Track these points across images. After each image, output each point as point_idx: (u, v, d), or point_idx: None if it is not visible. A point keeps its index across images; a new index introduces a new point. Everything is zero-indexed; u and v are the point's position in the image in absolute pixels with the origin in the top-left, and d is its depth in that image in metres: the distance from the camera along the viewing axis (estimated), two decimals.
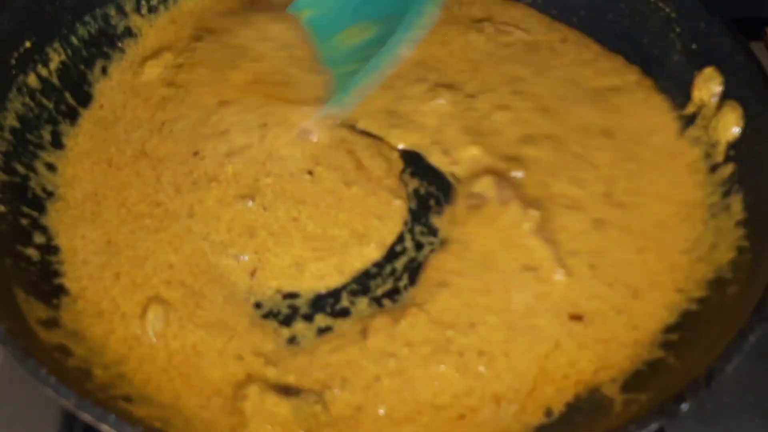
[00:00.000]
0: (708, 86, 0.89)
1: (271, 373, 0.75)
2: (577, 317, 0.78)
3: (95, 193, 0.86)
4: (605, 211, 0.85)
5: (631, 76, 0.96)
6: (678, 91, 0.92)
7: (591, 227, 0.84)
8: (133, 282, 0.80)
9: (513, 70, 0.96)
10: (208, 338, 0.77)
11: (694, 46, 0.92)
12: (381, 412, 0.74)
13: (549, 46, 1.00)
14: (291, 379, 0.75)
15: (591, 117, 0.92)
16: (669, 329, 0.79)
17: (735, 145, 0.85)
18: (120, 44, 0.99)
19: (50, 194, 0.87)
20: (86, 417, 0.65)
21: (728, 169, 0.85)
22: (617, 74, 0.96)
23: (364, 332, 0.77)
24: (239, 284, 0.81)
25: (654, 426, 0.64)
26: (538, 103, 0.93)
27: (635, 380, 0.75)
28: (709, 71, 0.89)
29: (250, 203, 0.84)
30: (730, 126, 0.86)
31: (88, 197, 0.86)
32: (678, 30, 0.93)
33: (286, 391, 0.74)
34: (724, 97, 0.88)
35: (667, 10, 0.94)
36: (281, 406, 0.72)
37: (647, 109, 0.93)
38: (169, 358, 0.76)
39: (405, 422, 0.73)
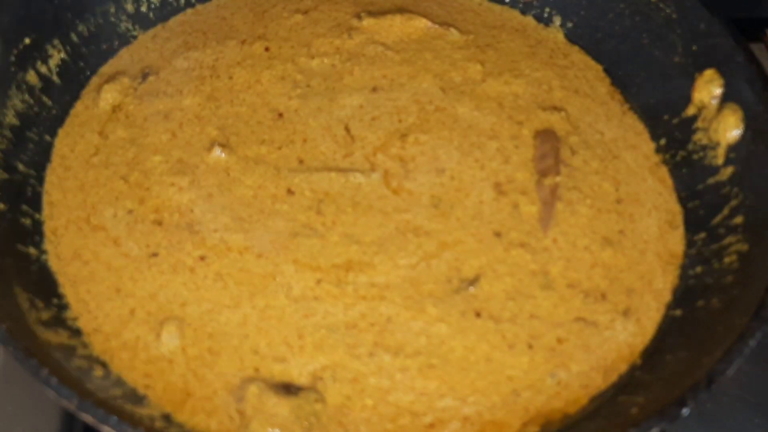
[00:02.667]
0: (708, 88, 0.89)
1: (277, 369, 0.76)
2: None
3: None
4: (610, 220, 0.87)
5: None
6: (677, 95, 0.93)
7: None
8: (147, 312, 0.79)
9: None
10: (224, 340, 0.77)
11: (694, 48, 0.91)
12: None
13: None
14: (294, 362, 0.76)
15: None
16: (669, 329, 0.79)
17: (735, 148, 0.85)
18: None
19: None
20: (88, 418, 0.65)
21: (728, 171, 0.85)
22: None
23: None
24: None
25: (655, 429, 0.65)
26: None
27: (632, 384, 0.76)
28: (709, 73, 0.89)
29: None
30: (731, 128, 0.86)
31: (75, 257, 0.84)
32: (678, 31, 0.93)
33: (286, 390, 0.74)
34: (725, 99, 0.88)
35: (668, 10, 0.94)
36: (280, 407, 0.72)
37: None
38: (188, 363, 0.76)
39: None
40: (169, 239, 0.83)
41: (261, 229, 0.83)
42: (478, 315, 0.79)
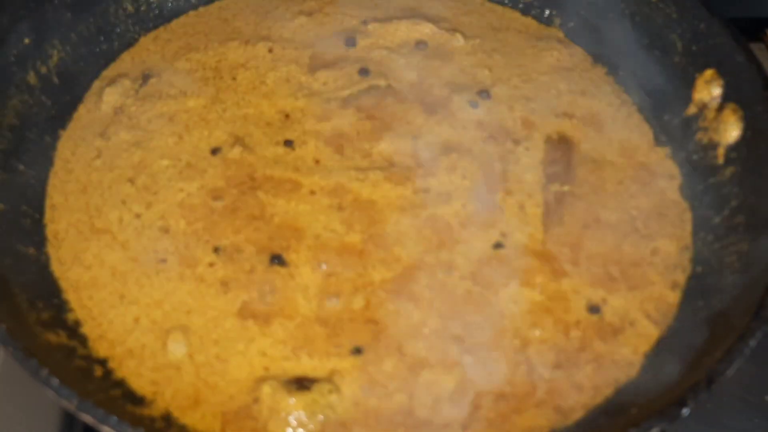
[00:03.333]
0: (708, 88, 0.89)
1: (289, 365, 0.76)
2: None
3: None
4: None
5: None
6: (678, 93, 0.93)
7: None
8: (152, 321, 0.79)
9: None
10: (229, 345, 0.77)
11: (694, 48, 0.91)
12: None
13: None
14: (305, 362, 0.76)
15: None
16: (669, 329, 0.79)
17: (735, 147, 0.85)
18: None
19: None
20: (88, 418, 0.65)
21: (729, 171, 0.85)
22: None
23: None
24: None
25: (655, 429, 0.65)
26: None
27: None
28: (709, 73, 0.89)
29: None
30: (731, 128, 0.86)
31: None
32: (678, 31, 0.93)
33: (299, 384, 0.74)
34: (725, 99, 0.88)
35: (668, 10, 0.94)
36: (295, 405, 0.72)
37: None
38: (197, 371, 0.76)
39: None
40: (176, 245, 0.83)
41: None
42: None
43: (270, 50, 0.98)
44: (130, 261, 0.82)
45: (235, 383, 0.75)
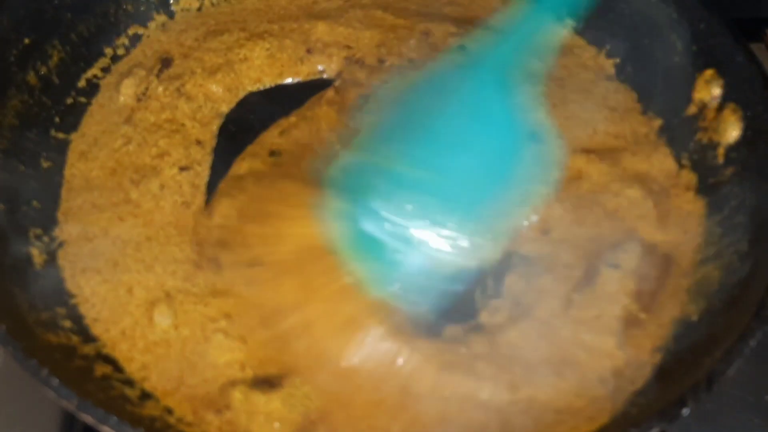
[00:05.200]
0: (708, 88, 0.89)
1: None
2: None
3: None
4: None
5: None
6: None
7: None
8: (146, 289, 0.80)
9: None
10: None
11: (694, 48, 0.91)
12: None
13: None
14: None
15: None
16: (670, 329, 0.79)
17: (735, 147, 0.85)
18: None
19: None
20: (88, 418, 0.65)
21: (729, 171, 0.85)
22: None
23: None
24: None
25: (655, 429, 0.65)
26: None
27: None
28: (709, 73, 0.89)
29: None
30: (731, 128, 0.86)
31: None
32: (679, 31, 0.93)
33: (270, 384, 0.74)
34: (725, 99, 0.87)
35: (668, 10, 0.94)
36: (271, 403, 0.72)
37: None
38: (183, 347, 0.76)
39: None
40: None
41: None
42: None
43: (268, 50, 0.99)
44: (140, 234, 0.83)
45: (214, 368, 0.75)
